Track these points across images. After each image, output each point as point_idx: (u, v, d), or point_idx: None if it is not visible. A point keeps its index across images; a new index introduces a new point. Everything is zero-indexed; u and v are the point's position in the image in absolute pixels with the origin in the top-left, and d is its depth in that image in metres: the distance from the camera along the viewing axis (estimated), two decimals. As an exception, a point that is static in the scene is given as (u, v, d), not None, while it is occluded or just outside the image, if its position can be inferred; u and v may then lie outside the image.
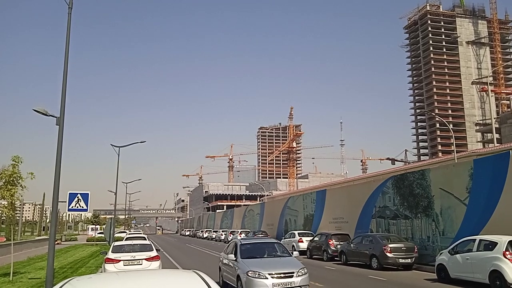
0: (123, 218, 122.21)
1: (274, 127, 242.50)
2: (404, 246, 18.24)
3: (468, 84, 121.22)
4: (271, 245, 12.80)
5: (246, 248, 12.15)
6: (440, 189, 18.67)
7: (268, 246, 12.82)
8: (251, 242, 13.00)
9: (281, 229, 38.86)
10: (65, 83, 11.52)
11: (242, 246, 12.16)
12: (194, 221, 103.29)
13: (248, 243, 12.69)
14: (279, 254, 12.16)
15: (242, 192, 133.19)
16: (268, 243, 13.23)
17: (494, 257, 12.12)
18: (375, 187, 24.26)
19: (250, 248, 12.28)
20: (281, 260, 11.49)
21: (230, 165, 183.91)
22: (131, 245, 15.83)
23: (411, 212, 20.64)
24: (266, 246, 12.75)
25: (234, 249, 12.27)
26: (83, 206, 16.61)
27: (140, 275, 4.12)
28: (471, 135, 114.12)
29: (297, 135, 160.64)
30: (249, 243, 12.76)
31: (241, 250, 11.88)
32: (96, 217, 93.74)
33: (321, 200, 31.65)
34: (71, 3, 11.88)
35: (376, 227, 23.56)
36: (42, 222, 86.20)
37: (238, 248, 12.04)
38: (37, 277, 16.63)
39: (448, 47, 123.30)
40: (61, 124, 11.34)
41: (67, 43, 11.66)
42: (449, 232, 17.88)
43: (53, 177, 11.11)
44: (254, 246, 12.62)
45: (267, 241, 13.96)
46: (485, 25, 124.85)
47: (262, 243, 13.41)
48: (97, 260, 24.12)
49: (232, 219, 62.36)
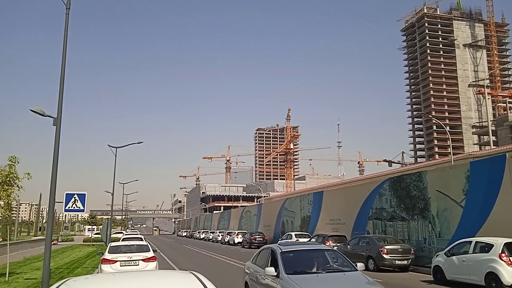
0: (120, 219, 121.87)
1: (272, 129, 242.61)
2: (401, 248, 18.28)
3: (465, 86, 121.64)
4: (321, 253, 9.34)
5: (290, 258, 8.81)
6: (437, 191, 18.73)
7: (317, 254, 9.32)
8: (295, 250, 9.52)
9: (278, 230, 38.87)
10: (62, 84, 11.51)
11: (284, 256, 8.75)
12: (191, 222, 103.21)
13: (291, 250, 9.26)
14: (338, 266, 8.74)
15: (239, 193, 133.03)
16: (317, 251, 9.66)
17: (490, 259, 12.17)
18: (372, 189, 24.31)
19: (295, 258, 8.98)
20: (346, 278, 8.12)
21: (227, 166, 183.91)
22: (127, 245, 15.79)
23: (408, 214, 20.69)
24: (315, 255, 9.26)
25: (272, 259, 9.06)
26: (80, 206, 16.63)
27: (137, 276, 4.13)
28: (468, 138, 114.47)
29: (295, 137, 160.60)
30: (292, 250, 9.33)
31: (284, 262, 8.48)
32: (93, 218, 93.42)
33: (318, 202, 31.68)
34: (69, 4, 11.87)
35: (373, 228, 23.61)
36: (38, 223, 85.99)
37: (279, 258, 8.65)
38: (33, 278, 16.57)
39: (445, 50, 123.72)
40: (58, 124, 11.33)
41: (64, 43, 11.65)
42: (446, 234, 17.94)
43: (50, 178, 11.09)
44: (299, 255, 9.29)
45: (315, 248, 10.23)
46: (482, 28, 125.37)
47: (310, 250, 9.81)
48: (93, 261, 24.05)
49: (229, 220, 62.34)
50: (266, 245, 10.87)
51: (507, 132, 78.95)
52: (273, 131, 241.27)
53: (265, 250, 10.09)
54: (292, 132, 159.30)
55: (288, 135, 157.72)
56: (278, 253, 8.85)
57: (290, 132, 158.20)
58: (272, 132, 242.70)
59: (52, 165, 11.15)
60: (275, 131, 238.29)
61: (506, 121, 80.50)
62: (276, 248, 9.25)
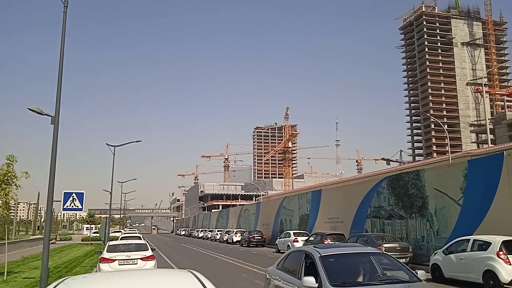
0: (118, 218, 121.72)
1: (270, 127, 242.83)
2: (399, 246, 18.31)
3: (463, 85, 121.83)
4: (366, 258, 7.24)
5: (333, 264, 6.81)
6: (435, 189, 18.76)
7: (364, 259, 7.24)
8: (337, 253, 7.41)
9: (277, 229, 38.89)
10: (60, 82, 11.48)
11: (325, 261, 6.71)
12: (189, 220, 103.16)
13: (332, 254, 7.24)
14: (394, 275, 6.88)
15: (237, 192, 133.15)
16: (363, 255, 7.44)
17: (488, 257, 12.20)
18: (370, 187, 24.33)
19: (339, 264, 7.04)
20: None
21: (225, 165, 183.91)
22: (126, 244, 15.79)
23: (406, 212, 20.72)
24: (362, 260, 7.21)
25: (307, 266, 7.06)
26: (78, 205, 16.58)
27: (135, 275, 4.12)
28: (466, 136, 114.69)
29: (293, 135, 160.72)
30: (334, 254, 7.29)
31: (326, 270, 6.47)
32: (91, 217, 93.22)
33: (316, 200, 31.70)
34: (67, 2, 11.83)
35: (371, 227, 23.64)
36: (36, 222, 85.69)
37: (319, 264, 6.63)
38: (32, 277, 16.55)
39: (443, 48, 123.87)
40: (56, 123, 11.30)
41: (62, 42, 11.62)
42: (444, 232, 17.98)
43: (48, 176, 11.07)
44: (343, 260, 7.23)
45: (361, 251, 7.67)
46: (480, 26, 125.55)
47: (355, 254, 7.49)
48: (92, 260, 24.03)
49: (227, 218, 62.34)
50: (296, 248, 8.98)
51: (505, 130, 79.14)
52: (271, 129, 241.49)
53: (295, 253, 8.14)
54: (291, 131, 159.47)
55: (286, 133, 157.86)
56: (316, 258, 6.82)
57: (289, 130, 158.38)
58: (270, 131, 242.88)
59: (50, 163, 11.13)
60: (273, 129, 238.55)
61: (504, 120, 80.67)
62: (312, 251, 7.19)
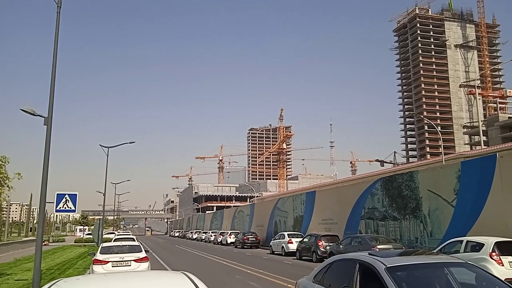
0: (111, 219, 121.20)
1: (264, 129, 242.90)
2: (393, 247, 18.34)
3: (456, 87, 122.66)
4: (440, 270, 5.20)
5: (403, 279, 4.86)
6: (428, 190, 18.87)
7: (440, 272, 5.18)
8: (407, 264, 5.27)
9: (271, 230, 38.91)
10: (53, 83, 11.41)
11: (393, 275, 4.78)
12: (183, 222, 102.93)
13: (401, 265, 5.12)
14: None
15: (232, 193, 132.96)
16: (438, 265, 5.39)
17: (480, 258, 12.26)
18: (364, 189, 24.42)
19: (410, 278, 5.05)
20: None
21: (220, 166, 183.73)
22: (119, 246, 15.69)
23: (400, 213, 20.81)
24: (437, 273, 5.20)
25: (365, 280, 5.17)
26: (71, 207, 16.50)
27: (129, 276, 4.10)
28: (459, 138, 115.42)
29: (287, 137, 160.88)
30: (403, 265, 5.16)
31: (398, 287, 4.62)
32: (84, 218, 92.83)
33: (310, 202, 31.76)
34: (60, 2, 11.77)
35: (365, 228, 23.72)
36: (29, 223, 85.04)
37: (387, 279, 4.72)
38: (24, 279, 16.41)
39: (437, 50, 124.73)
40: (49, 124, 11.23)
41: (55, 42, 11.55)
42: (437, 233, 18.08)
43: (41, 178, 11.00)
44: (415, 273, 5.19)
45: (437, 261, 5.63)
46: (473, 28, 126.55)
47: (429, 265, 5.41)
48: (85, 262, 23.89)
49: (222, 220, 62.27)
50: (343, 256, 6.40)
51: (497, 132, 79.68)
52: (265, 131, 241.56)
53: (343, 263, 6.01)
54: (285, 132, 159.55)
55: (281, 135, 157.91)
56: (381, 271, 4.90)
57: (283, 132, 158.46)
58: (265, 132, 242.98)
59: (43, 165, 11.05)
60: (267, 131, 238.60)
61: (497, 121, 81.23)
62: (373, 262, 5.19)
